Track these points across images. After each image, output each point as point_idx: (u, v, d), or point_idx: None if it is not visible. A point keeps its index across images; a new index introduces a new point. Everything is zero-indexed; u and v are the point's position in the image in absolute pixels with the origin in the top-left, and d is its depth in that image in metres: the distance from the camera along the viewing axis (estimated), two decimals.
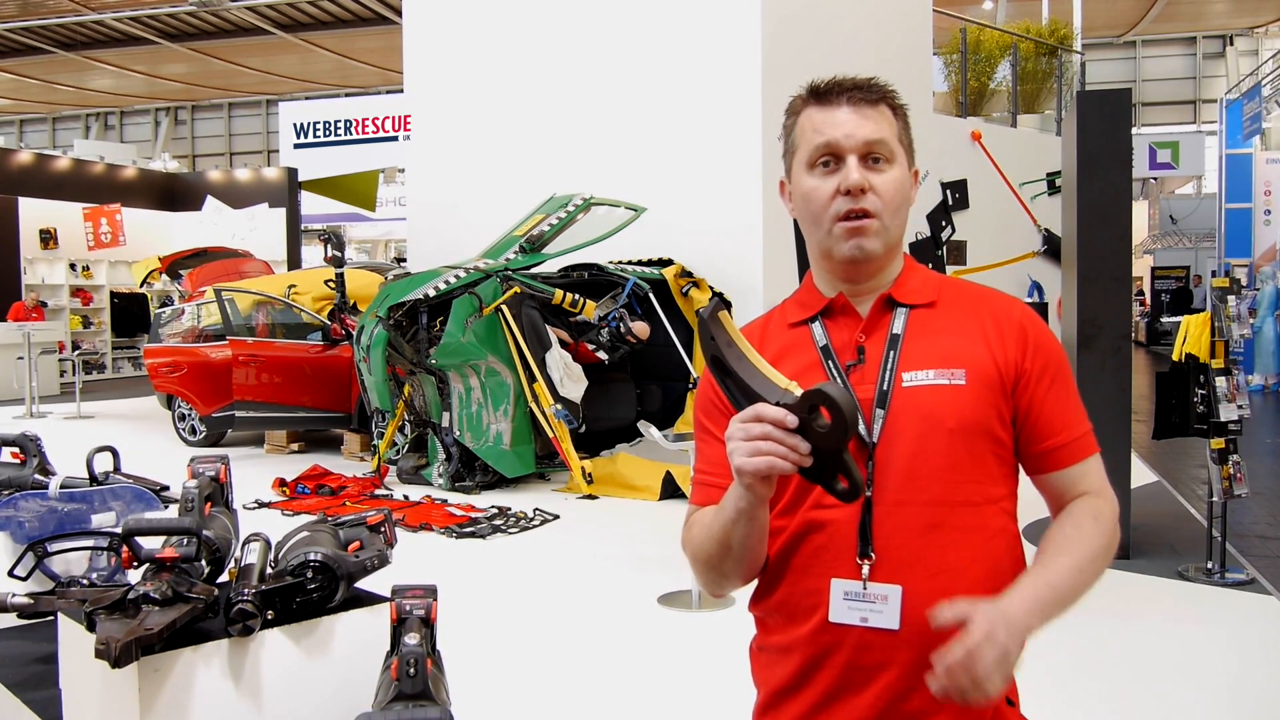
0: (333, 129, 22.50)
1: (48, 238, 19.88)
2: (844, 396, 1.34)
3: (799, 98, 1.65)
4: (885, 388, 1.54)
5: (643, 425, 5.81)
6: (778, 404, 1.38)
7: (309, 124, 22.71)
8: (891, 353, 1.56)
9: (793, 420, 1.36)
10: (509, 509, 7.68)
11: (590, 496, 8.16)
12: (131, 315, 20.53)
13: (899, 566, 1.50)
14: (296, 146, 22.76)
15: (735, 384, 1.45)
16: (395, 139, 21.51)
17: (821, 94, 1.62)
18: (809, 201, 1.60)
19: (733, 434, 1.39)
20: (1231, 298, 5.86)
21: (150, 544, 2.03)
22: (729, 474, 1.65)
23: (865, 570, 1.50)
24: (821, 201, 1.58)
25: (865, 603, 1.50)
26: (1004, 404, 1.55)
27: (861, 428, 1.53)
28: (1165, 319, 22.79)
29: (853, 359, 1.59)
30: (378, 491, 8.55)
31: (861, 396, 1.54)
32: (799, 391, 1.38)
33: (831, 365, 1.59)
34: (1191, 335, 5.79)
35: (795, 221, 1.70)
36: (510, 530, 7.14)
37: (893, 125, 1.60)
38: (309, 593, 2.04)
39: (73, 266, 20.23)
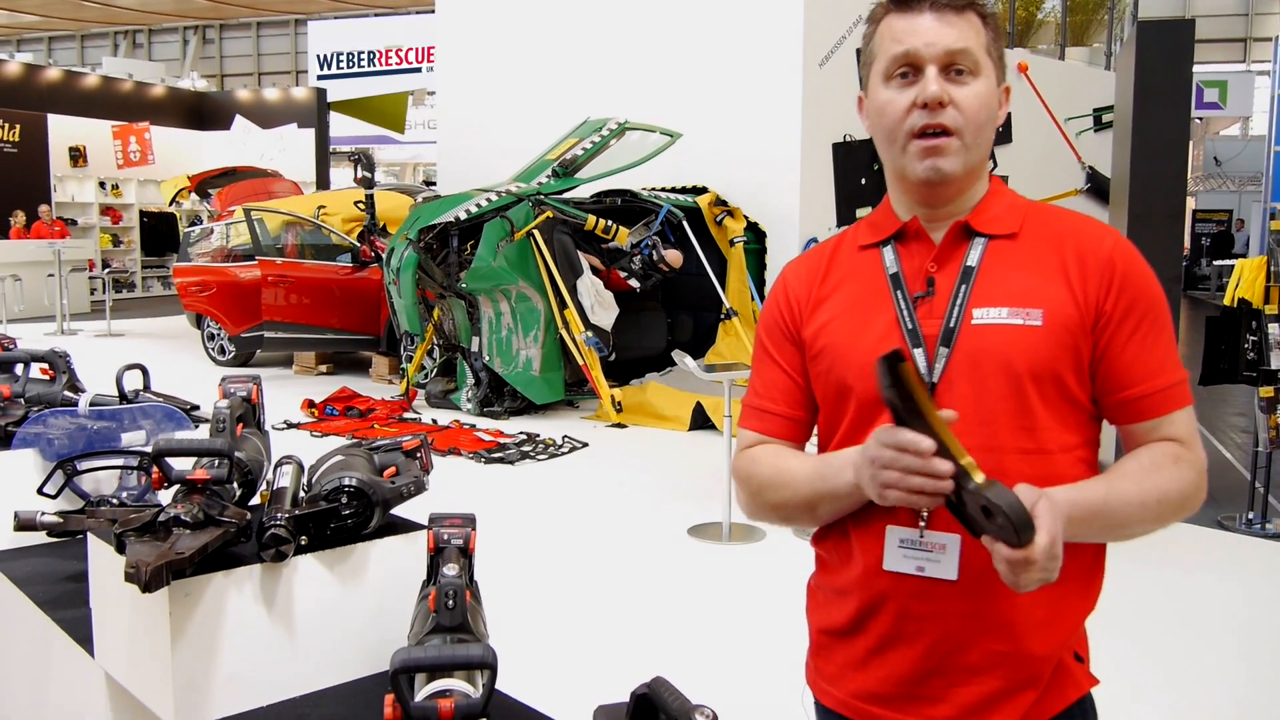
0: (357, 60, 22.23)
1: (77, 155, 19.84)
2: (1019, 514, 1.23)
3: (880, 4, 1.51)
4: (953, 324, 1.43)
5: (677, 355, 5.72)
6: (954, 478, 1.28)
7: (333, 55, 22.45)
8: (963, 286, 1.44)
9: (946, 473, 1.27)
10: (537, 435, 7.65)
11: (619, 425, 8.11)
12: (161, 234, 20.54)
13: None
14: (320, 78, 22.53)
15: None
16: (419, 70, 21.24)
17: (903, 0, 1.48)
18: (883, 115, 1.47)
19: (879, 457, 1.30)
20: None
21: (181, 465, 1.96)
22: (788, 402, 1.56)
23: (923, 518, 1.41)
24: (896, 115, 1.44)
25: (922, 551, 1.41)
26: (1084, 348, 1.42)
27: (922, 366, 1.43)
28: (1205, 263, 22.40)
29: (922, 290, 1.47)
30: (406, 415, 8.53)
31: (926, 332, 1.44)
32: (980, 478, 1.26)
33: (899, 296, 1.48)
34: (1245, 279, 5.62)
35: (834, 148, 1.57)
36: (539, 457, 7.10)
37: (980, 35, 1.45)
38: (344, 519, 1.96)
39: (102, 185, 20.22)
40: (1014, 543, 1.24)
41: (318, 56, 22.72)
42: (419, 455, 2.24)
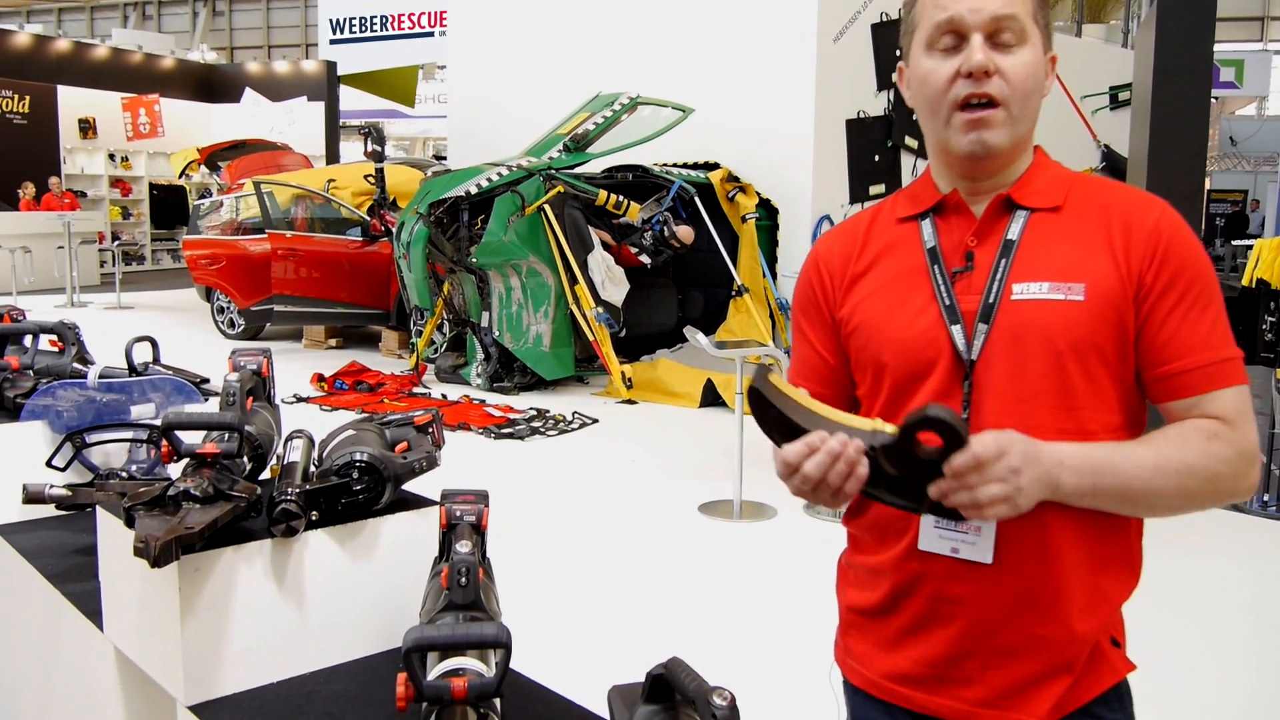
0: (370, 25, 22.09)
1: (86, 127, 19.79)
2: (939, 410, 1.21)
3: None
4: (992, 300, 1.38)
5: (689, 331, 5.68)
6: (872, 448, 1.25)
7: (345, 20, 22.32)
8: (1003, 260, 1.39)
9: (853, 445, 1.24)
10: (547, 411, 7.62)
11: (629, 401, 8.08)
12: (171, 207, 20.51)
13: None
14: (333, 42, 22.40)
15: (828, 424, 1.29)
16: (432, 34, 21.11)
17: None
18: (925, 85, 1.41)
19: (797, 485, 1.29)
20: None
21: (190, 438, 1.93)
22: (818, 380, 1.53)
23: None
24: (939, 85, 1.39)
25: (956, 533, 1.38)
26: (1129, 321, 1.36)
27: (960, 342, 1.38)
28: (1219, 244, 22.23)
29: (961, 265, 1.42)
30: (415, 389, 8.51)
31: (965, 308, 1.39)
32: (891, 429, 1.25)
33: (936, 271, 1.43)
34: (1264, 260, 5.56)
35: (847, 125, 1.52)
36: (548, 433, 7.08)
37: (1026, 1, 1.39)
38: (355, 494, 1.93)
39: (112, 157, 20.17)
40: (952, 448, 1.21)
41: (330, 20, 22.58)
42: (431, 430, 2.21)
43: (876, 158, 9.74)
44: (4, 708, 3.08)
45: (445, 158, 13.68)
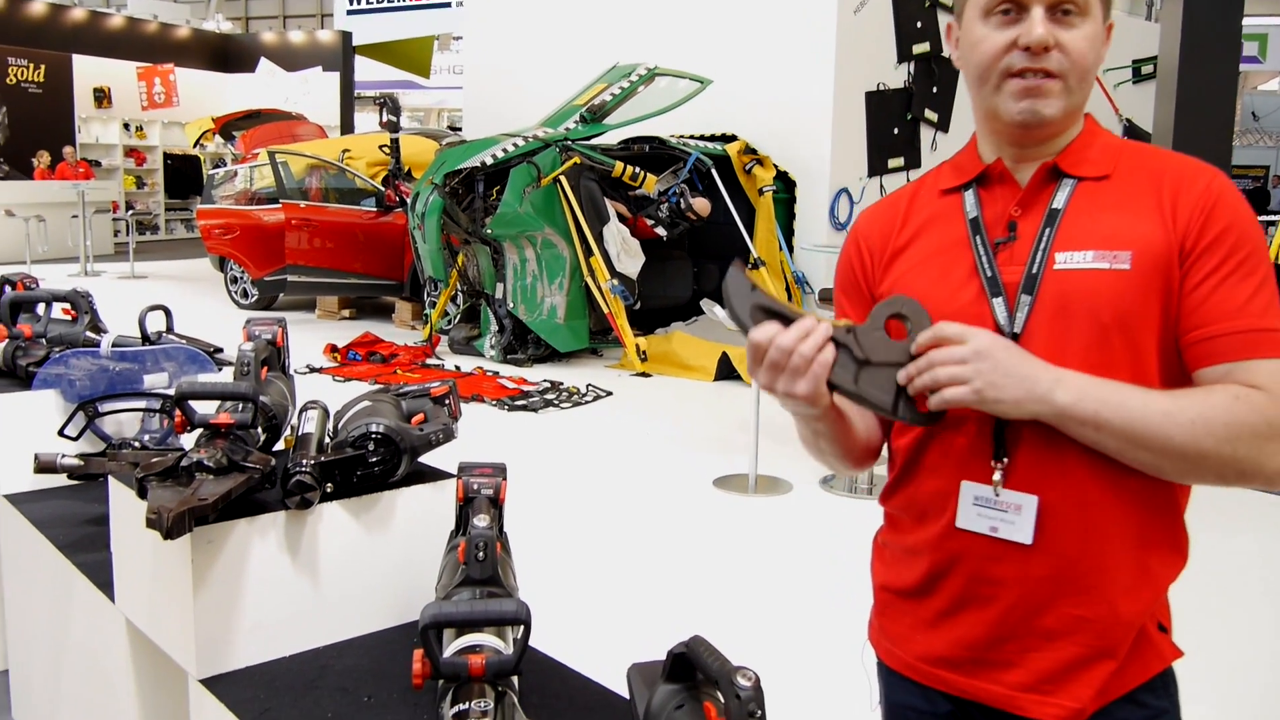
0: None
1: (101, 96, 19.77)
2: (906, 300, 1.30)
3: None
4: (1035, 270, 1.32)
5: (706, 304, 5.64)
6: (847, 331, 1.30)
7: None
8: (1047, 230, 1.33)
9: (822, 326, 1.28)
10: (561, 384, 7.60)
11: (644, 374, 8.04)
12: (185, 177, 20.51)
13: (1037, 475, 1.31)
14: (350, 13, 22.27)
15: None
16: (448, 5, 20.97)
17: None
18: (977, 51, 1.35)
19: (759, 344, 1.28)
20: None
21: (204, 408, 1.90)
22: None
23: (998, 475, 1.32)
24: (992, 53, 1.32)
25: (996, 511, 1.33)
26: (1175, 288, 1.29)
27: (1003, 316, 1.32)
28: None
29: (1003, 235, 1.37)
30: (429, 361, 8.49)
31: (1007, 280, 1.34)
32: (846, 324, 1.30)
33: (978, 242, 1.37)
34: None
35: (867, 97, 1.46)
36: (563, 405, 7.05)
37: None
38: (370, 466, 1.90)
39: (126, 126, 20.15)
40: (913, 332, 1.28)
41: None
42: (448, 402, 2.18)
43: (896, 131, 9.64)
44: (16, 678, 3.07)
45: (460, 129, 13.61)
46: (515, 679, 1.48)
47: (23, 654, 2.93)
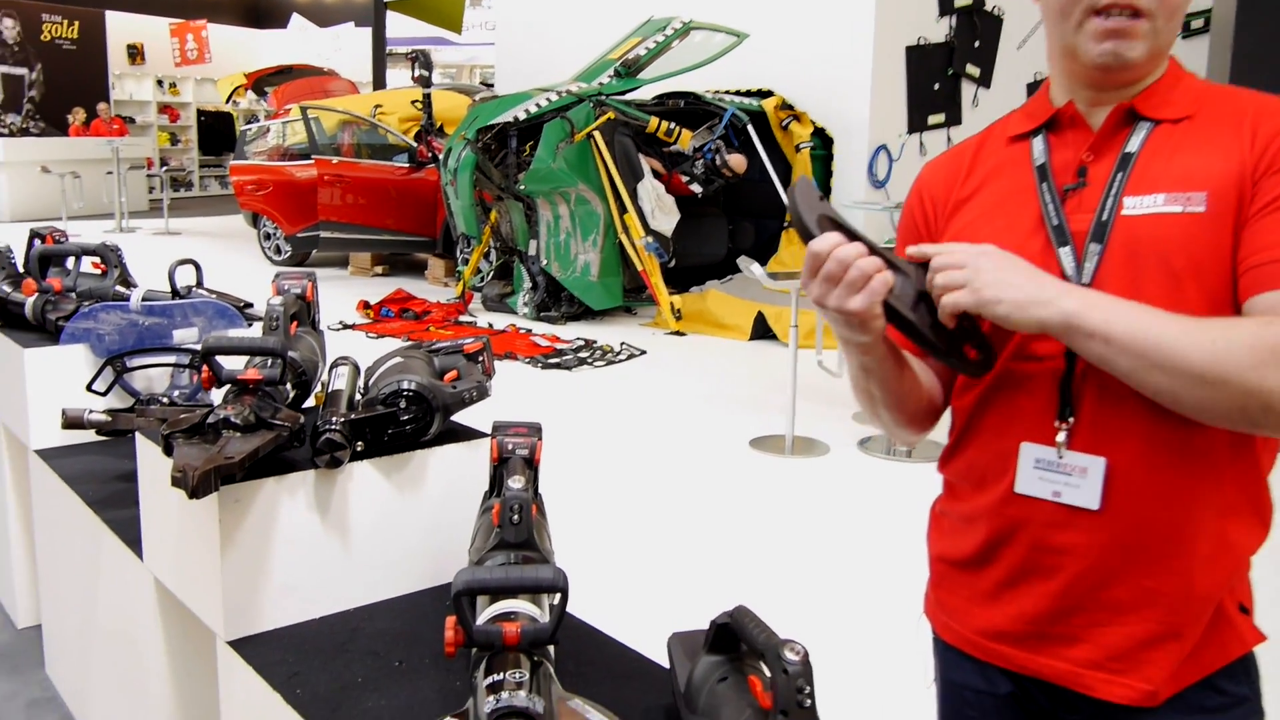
0: None
1: (135, 53, 19.79)
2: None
3: None
4: (1105, 217, 1.22)
5: (743, 261, 5.54)
6: (896, 265, 1.23)
7: None
8: (1119, 174, 1.23)
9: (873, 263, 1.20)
10: (595, 342, 7.54)
11: (678, 333, 7.97)
12: (218, 133, 20.53)
13: (1105, 436, 1.22)
14: None
15: (866, 243, 1.22)
16: None
17: None
18: None
19: (819, 254, 1.20)
20: None
21: (232, 364, 1.85)
22: None
23: (1062, 435, 1.23)
24: None
25: (1059, 474, 1.24)
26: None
27: (1070, 266, 1.23)
28: None
29: (1072, 182, 1.27)
30: (461, 318, 8.46)
31: (1075, 228, 1.24)
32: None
33: (1045, 189, 1.28)
34: None
35: (907, 52, 1.35)
36: (596, 363, 7.00)
37: None
38: (402, 424, 1.84)
39: (160, 83, 20.17)
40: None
41: None
42: (481, 359, 2.12)
43: (936, 86, 9.43)
44: (49, 633, 3.07)
45: (493, 84, 13.50)
46: (551, 648, 1.42)
47: (55, 610, 2.92)
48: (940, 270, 1.20)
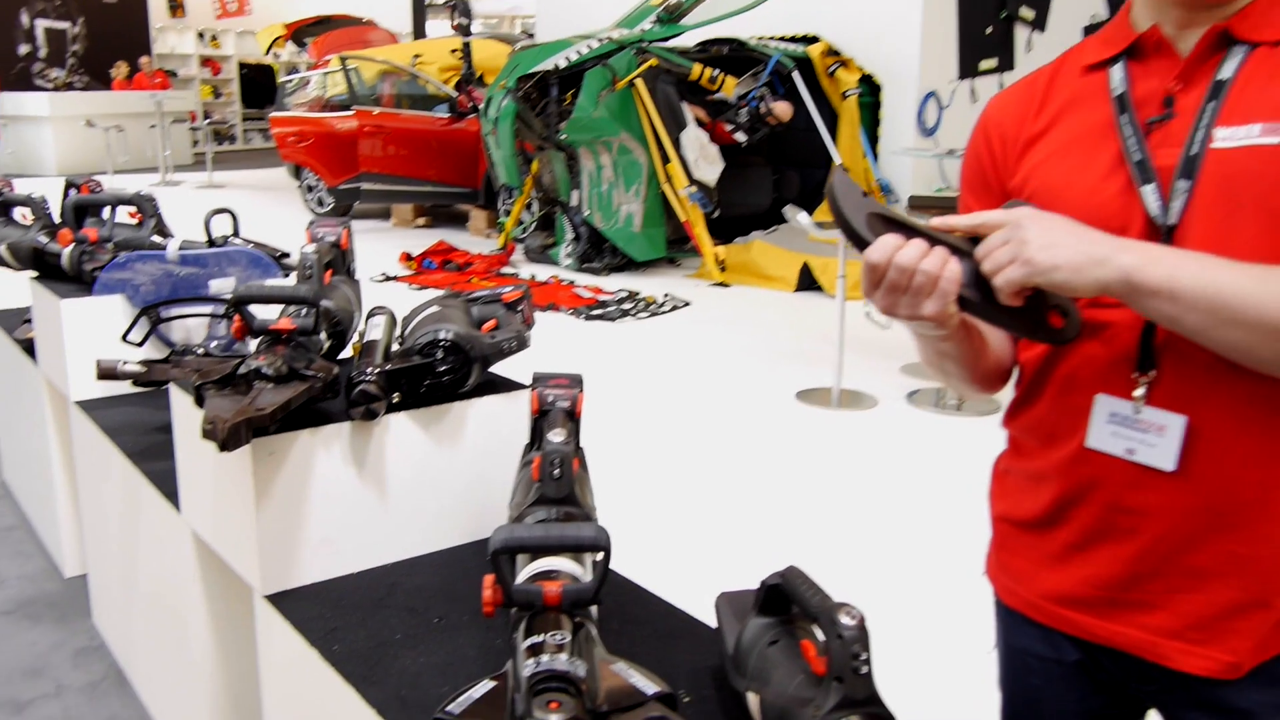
0: None
1: (176, 6, 19.77)
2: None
3: None
4: (1195, 151, 1.11)
5: (789, 210, 5.44)
6: (958, 248, 1.12)
7: None
8: (1211, 104, 1.12)
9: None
10: (638, 293, 7.46)
11: (722, 284, 7.88)
12: (259, 86, 20.51)
13: (1188, 392, 1.12)
14: None
15: (921, 233, 1.13)
16: None
17: None
18: None
19: (877, 264, 1.10)
20: None
21: (267, 314, 1.80)
22: None
23: (1141, 390, 1.14)
24: None
25: (1135, 430, 1.14)
26: None
27: (1155, 206, 1.12)
28: None
29: (1156, 114, 1.16)
30: (504, 269, 8.41)
31: (1160, 164, 1.13)
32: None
33: (1125, 121, 1.17)
34: None
35: None
36: (639, 315, 6.92)
37: None
38: (439, 375, 1.79)
39: (201, 36, 20.17)
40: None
41: None
42: (521, 308, 2.05)
43: (989, 30, 9.19)
44: (95, 583, 3.07)
45: (533, 34, 13.35)
46: (594, 609, 1.37)
47: (100, 561, 2.92)
48: (985, 256, 1.09)
